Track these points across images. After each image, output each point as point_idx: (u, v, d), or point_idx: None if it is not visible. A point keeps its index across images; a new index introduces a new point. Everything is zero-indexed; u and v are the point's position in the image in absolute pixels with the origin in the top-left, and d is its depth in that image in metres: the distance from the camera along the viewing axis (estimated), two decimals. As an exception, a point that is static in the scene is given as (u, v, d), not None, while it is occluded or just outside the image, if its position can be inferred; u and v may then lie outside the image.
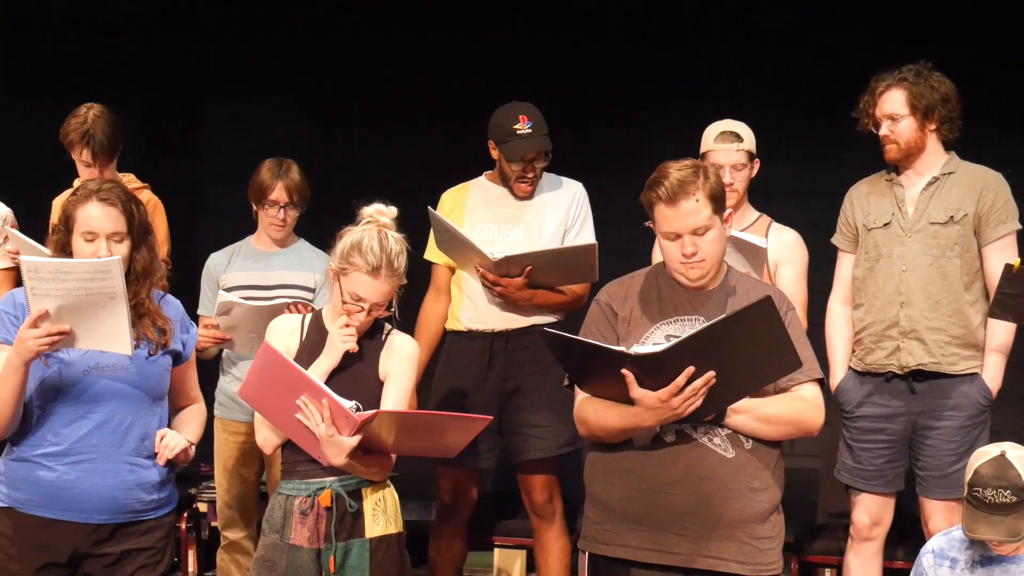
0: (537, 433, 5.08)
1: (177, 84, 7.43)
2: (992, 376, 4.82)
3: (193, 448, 3.94)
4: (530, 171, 5.08)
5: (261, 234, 5.42)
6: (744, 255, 4.58)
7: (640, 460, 3.79)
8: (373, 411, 3.84)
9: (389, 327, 4.12)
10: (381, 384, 4.04)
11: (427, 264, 5.21)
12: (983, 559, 4.08)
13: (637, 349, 3.71)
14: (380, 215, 4.03)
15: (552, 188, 5.18)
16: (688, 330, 3.73)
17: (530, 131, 5.02)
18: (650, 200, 3.81)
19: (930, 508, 4.88)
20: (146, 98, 7.02)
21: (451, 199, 5.24)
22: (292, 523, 3.98)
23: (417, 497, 5.70)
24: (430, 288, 5.27)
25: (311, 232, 5.37)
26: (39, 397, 3.74)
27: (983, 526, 3.95)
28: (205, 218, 7.24)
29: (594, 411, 3.83)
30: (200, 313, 5.35)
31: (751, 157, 4.98)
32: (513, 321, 5.08)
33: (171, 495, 3.93)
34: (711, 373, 3.61)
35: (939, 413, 4.82)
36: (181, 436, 3.88)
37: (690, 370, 3.60)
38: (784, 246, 4.95)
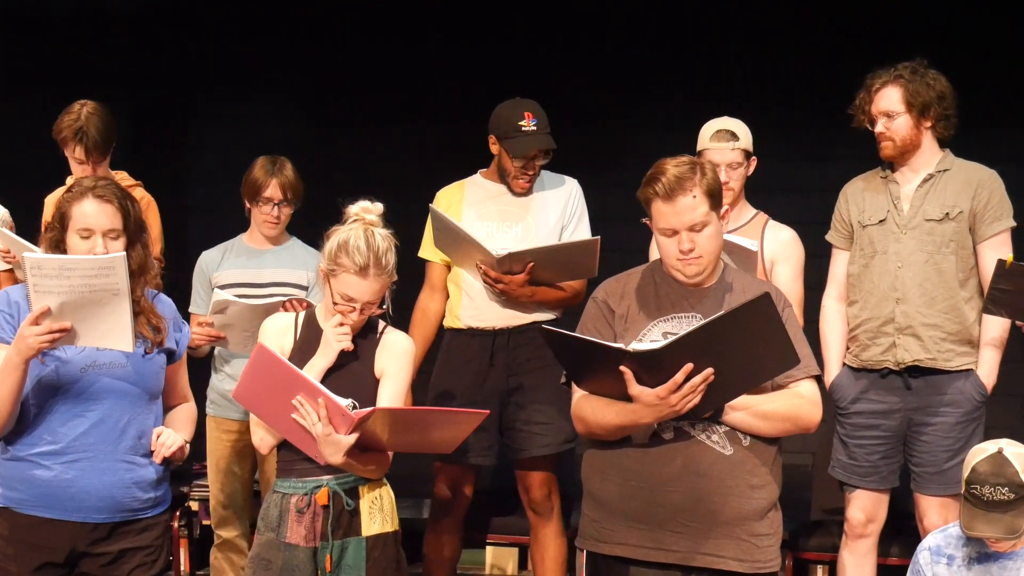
0: (540, 430, 5.07)
1: (168, 82, 7.39)
2: (987, 372, 4.83)
3: (188, 446, 3.93)
4: (531, 168, 5.08)
5: (254, 232, 5.40)
6: (735, 258, 4.54)
7: (638, 457, 3.78)
8: (370, 409, 3.82)
9: (384, 324, 4.10)
10: (377, 382, 4.02)
11: (419, 259, 5.19)
12: (980, 556, 4.09)
13: (636, 346, 3.70)
14: (366, 213, 4.00)
15: (549, 185, 5.18)
16: (685, 327, 3.73)
17: (535, 128, 5.02)
18: (647, 196, 3.81)
19: (925, 504, 4.88)
20: (136, 95, 6.98)
21: (446, 197, 5.22)
22: (288, 521, 3.96)
23: (409, 494, 5.66)
24: (424, 286, 5.26)
25: (303, 230, 5.35)
26: (35, 396, 3.72)
27: (981, 523, 3.96)
28: (195, 215, 7.21)
29: (592, 408, 3.82)
30: (192, 311, 5.33)
31: (747, 156, 4.96)
32: (514, 318, 5.07)
33: (166, 493, 3.92)
34: (709, 370, 3.60)
35: (934, 409, 4.83)
36: (177, 434, 3.87)
37: (689, 367, 3.59)
38: (780, 244, 4.94)
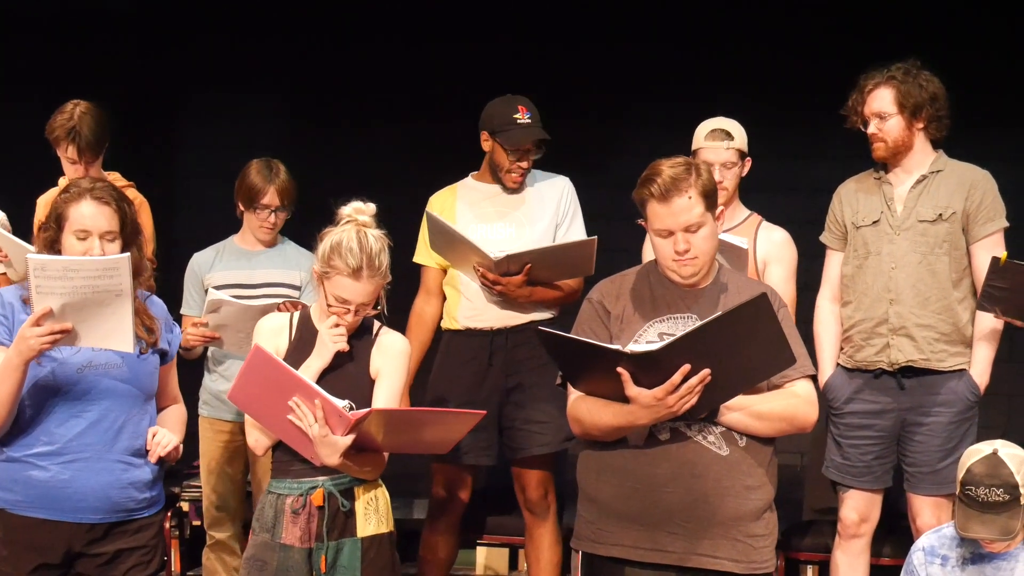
0: (539, 429, 5.07)
1: (157, 80, 7.37)
2: (980, 372, 4.85)
3: (181, 447, 3.93)
4: (525, 160, 5.08)
5: (246, 233, 5.39)
6: (726, 256, 4.54)
7: (634, 458, 3.78)
8: (366, 410, 3.82)
9: (379, 325, 4.09)
10: (372, 382, 4.01)
11: (414, 259, 5.20)
12: (974, 556, 4.09)
13: (632, 347, 3.70)
14: (359, 214, 3.99)
15: (541, 183, 5.19)
16: (681, 328, 3.73)
17: (529, 121, 5.03)
18: (642, 197, 3.80)
19: (918, 504, 4.89)
20: (125, 94, 6.95)
21: (439, 201, 5.21)
22: (283, 522, 3.95)
23: (403, 494, 5.66)
24: (420, 291, 5.25)
25: (295, 230, 5.34)
26: (31, 396, 3.70)
27: (976, 525, 3.96)
28: (183, 215, 7.19)
29: (588, 409, 3.81)
30: (184, 312, 5.32)
31: (742, 155, 4.96)
32: (512, 318, 5.07)
33: (161, 493, 3.92)
34: (706, 371, 3.60)
35: (928, 409, 4.84)
36: (171, 434, 3.87)
37: (686, 368, 3.59)
38: (773, 245, 4.95)
